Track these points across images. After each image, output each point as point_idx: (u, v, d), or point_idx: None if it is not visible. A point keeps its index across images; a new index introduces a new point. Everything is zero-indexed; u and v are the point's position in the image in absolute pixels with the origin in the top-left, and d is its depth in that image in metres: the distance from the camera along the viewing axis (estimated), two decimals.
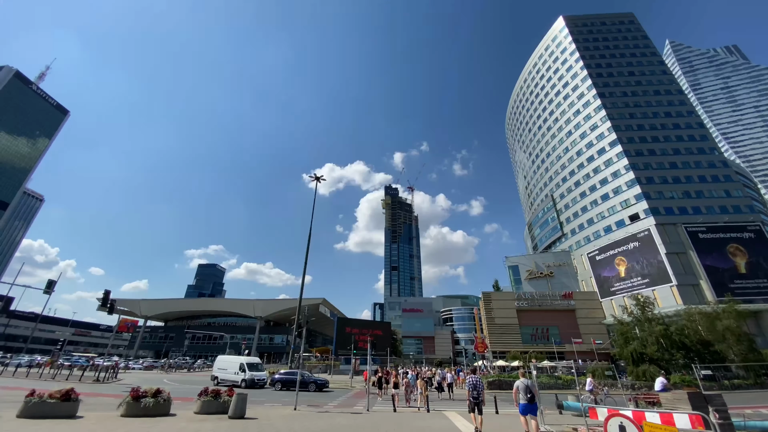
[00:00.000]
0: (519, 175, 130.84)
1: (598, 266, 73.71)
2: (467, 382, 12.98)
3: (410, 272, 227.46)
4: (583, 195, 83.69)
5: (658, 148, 74.05)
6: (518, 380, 11.63)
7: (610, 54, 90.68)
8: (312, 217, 44.26)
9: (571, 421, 15.22)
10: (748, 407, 20.53)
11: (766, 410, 19.18)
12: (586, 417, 10.62)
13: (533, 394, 11.08)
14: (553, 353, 65.08)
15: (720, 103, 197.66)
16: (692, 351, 35.29)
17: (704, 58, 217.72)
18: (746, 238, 60.18)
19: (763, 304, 53.57)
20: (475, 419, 12.09)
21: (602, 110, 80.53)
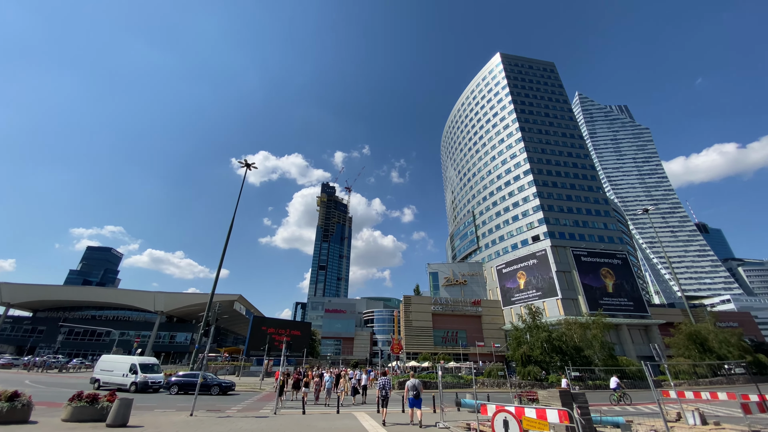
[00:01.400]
0: (448, 190, 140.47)
1: (504, 278, 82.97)
2: (378, 381, 15.62)
3: (338, 272, 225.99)
4: (498, 214, 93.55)
5: (559, 182, 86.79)
6: (409, 380, 14.49)
7: (533, 94, 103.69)
8: (237, 205, 41.11)
9: (467, 417, 16.76)
10: (605, 404, 25.20)
11: (619, 407, 23.66)
12: (478, 413, 11.84)
13: (418, 391, 14.08)
14: (459, 355, 70.99)
15: (608, 151, 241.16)
16: (567, 355, 41.90)
17: (601, 112, 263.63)
18: (615, 263, 74.14)
19: (622, 318, 66.50)
20: (383, 413, 14.88)
21: (521, 142, 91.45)
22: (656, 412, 18.57)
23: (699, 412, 14.49)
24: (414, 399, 14.15)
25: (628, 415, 17.37)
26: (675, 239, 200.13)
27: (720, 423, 14.36)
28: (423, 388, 34.39)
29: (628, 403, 24.99)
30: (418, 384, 14.41)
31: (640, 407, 22.90)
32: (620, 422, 14.51)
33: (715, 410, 20.37)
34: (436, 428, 13.76)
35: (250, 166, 40.69)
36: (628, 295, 70.71)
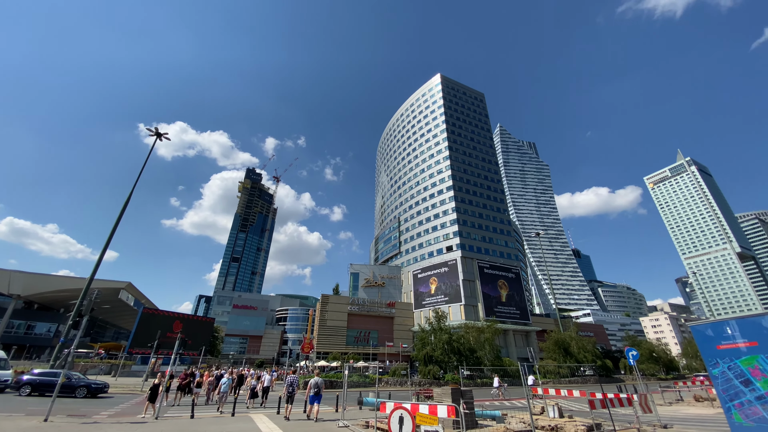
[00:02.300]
0: (379, 194, 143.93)
1: (418, 282, 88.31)
2: (285, 380, 16.32)
3: (253, 266, 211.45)
4: (420, 222, 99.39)
5: (474, 200, 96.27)
6: (312, 378, 15.81)
7: (463, 118, 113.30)
8: (138, 178, 35.52)
9: (368, 415, 17.40)
10: (488, 400, 28.62)
11: (499, 402, 27.11)
12: (377, 411, 12.45)
13: (319, 389, 15.45)
14: (369, 354, 72.87)
15: (516, 180, 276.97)
16: (463, 355, 46.62)
17: (515, 145, 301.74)
18: (510, 277, 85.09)
19: (510, 325, 76.44)
20: (287, 409, 15.71)
21: (448, 160, 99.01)
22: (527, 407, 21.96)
23: (558, 406, 17.58)
24: (314, 396, 15.30)
25: (504, 410, 20.16)
26: (556, 260, 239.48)
27: (573, 416, 17.64)
28: (329, 387, 34.45)
29: (507, 398, 28.96)
30: (321, 382, 15.61)
31: (515, 402, 26.72)
32: (497, 415, 16.78)
33: (570, 405, 24.86)
34: (336, 427, 13.99)
35: (161, 135, 35.64)
36: (517, 304, 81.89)
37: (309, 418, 15.75)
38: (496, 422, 15.75)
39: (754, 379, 5.92)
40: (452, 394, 13.79)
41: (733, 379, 6.13)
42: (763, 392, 5.81)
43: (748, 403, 5.94)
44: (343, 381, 16.52)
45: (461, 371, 33.27)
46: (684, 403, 23.27)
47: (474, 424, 13.82)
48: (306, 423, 15.00)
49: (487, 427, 13.96)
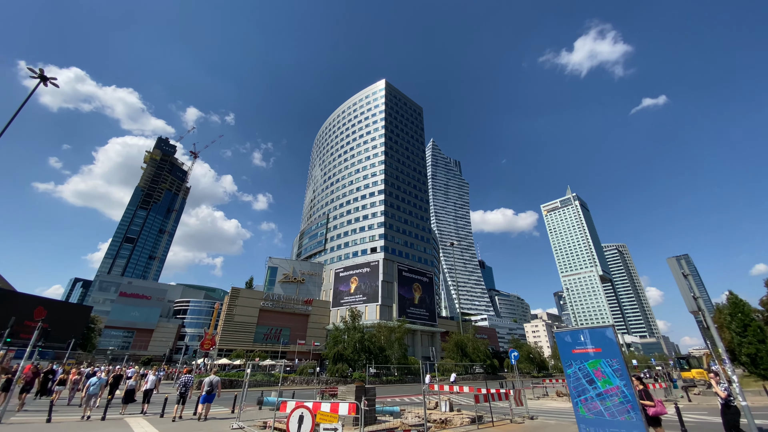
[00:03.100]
0: (310, 188, 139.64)
1: (339, 281, 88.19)
2: (179, 380, 15.78)
3: (152, 249, 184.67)
4: (349, 222, 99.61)
5: (401, 206, 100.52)
6: (207, 377, 15.41)
7: (400, 127, 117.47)
8: (7, 126, 28.01)
9: (268, 415, 16.67)
10: (390, 396, 29.94)
11: (399, 399, 28.52)
12: (276, 411, 12.05)
13: (212, 388, 14.96)
14: (277, 352, 69.85)
15: (440, 193, 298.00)
16: (373, 354, 48.05)
17: (443, 161, 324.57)
18: (424, 281, 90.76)
19: (419, 325, 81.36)
20: (177, 410, 14.99)
21: (383, 165, 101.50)
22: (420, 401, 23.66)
23: (450, 401, 19.33)
24: (206, 396, 14.91)
25: (404, 405, 21.37)
26: (464, 269, 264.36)
27: (461, 410, 19.56)
28: (228, 386, 31.95)
29: (413, 394, 30.72)
30: (216, 381, 15.19)
31: (413, 398, 28.52)
32: (395, 411, 17.72)
33: (461, 400, 27.53)
34: (229, 428, 13.08)
35: (46, 80, 28.77)
36: (427, 307, 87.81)
37: (198, 419, 14.83)
38: (393, 417, 16.60)
39: (597, 379, 7.42)
40: (356, 392, 14.11)
41: (582, 378, 7.59)
42: (602, 390, 7.32)
43: (591, 399, 7.42)
44: (244, 380, 15.55)
45: (368, 369, 34.28)
46: (549, 398, 27.84)
47: (373, 420, 14.34)
48: (194, 424, 13.71)
49: (385, 422, 14.63)
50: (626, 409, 6.80)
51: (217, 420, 15.06)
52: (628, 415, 6.73)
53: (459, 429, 14.33)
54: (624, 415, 6.77)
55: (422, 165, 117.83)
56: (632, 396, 6.78)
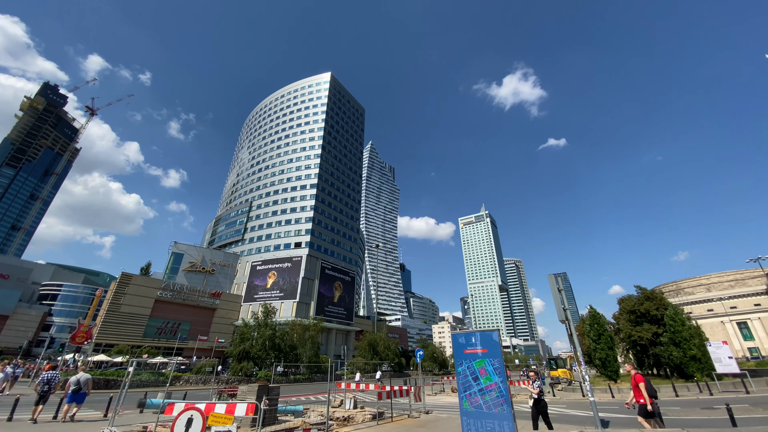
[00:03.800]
0: (233, 171, 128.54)
1: (256, 275, 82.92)
2: (41, 376, 13.49)
3: (18, 218, 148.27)
4: (275, 213, 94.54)
5: (332, 204, 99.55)
6: (74, 375, 13.79)
7: (341, 125, 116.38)
8: None
9: (151, 419, 14.82)
10: (297, 395, 29.21)
11: (305, 398, 27.97)
12: (160, 414, 10.85)
13: (80, 387, 13.50)
14: (172, 349, 62.36)
15: (372, 195, 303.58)
16: (283, 352, 46.29)
17: (379, 165, 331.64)
18: (346, 280, 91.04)
19: (336, 324, 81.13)
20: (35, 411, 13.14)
21: (319, 159, 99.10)
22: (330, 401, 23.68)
23: (354, 399, 19.74)
24: (73, 395, 13.50)
25: (309, 404, 21.10)
26: (386, 270, 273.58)
27: (364, 407, 20.12)
28: (103, 387, 27.34)
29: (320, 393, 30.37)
30: (84, 379, 13.70)
31: (320, 397, 28.35)
32: (298, 410, 17.43)
33: (366, 397, 28.29)
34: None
35: None
36: (346, 306, 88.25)
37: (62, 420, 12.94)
38: (295, 417, 16.33)
39: (481, 376, 8.46)
40: (258, 392, 13.50)
41: (468, 375, 8.58)
42: (483, 386, 8.37)
43: (474, 394, 8.42)
44: (125, 378, 13.56)
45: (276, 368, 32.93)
46: (445, 394, 30.46)
47: (274, 420, 13.90)
48: (56, 428, 11.47)
49: (286, 422, 14.30)
50: (500, 403, 7.90)
51: (84, 423, 12.85)
52: (501, 407, 7.83)
53: (360, 425, 14.78)
54: (498, 408, 7.85)
55: (358, 165, 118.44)
56: (506, 391, 7.92)
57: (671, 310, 34.01)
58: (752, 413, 14.95)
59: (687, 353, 30.84)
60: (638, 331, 37.06)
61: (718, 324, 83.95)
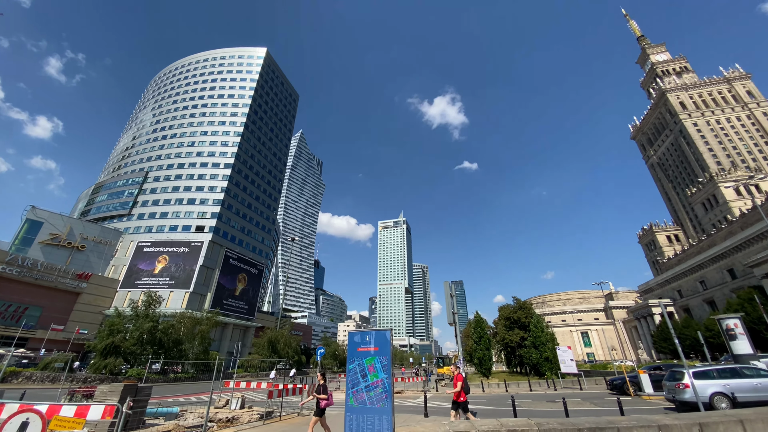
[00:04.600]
0: (129, 132, 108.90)
1: (142, 257, 71.63)
2: None
3: None
4: (176, 189, 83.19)
5: (249, 189, 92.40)
6: None
7: (270, 106, 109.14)
8: None
9: None
10: (176, 396, 26.12)
11: (185, 398, 25.18)
12: None
13: None
14: (12, 338, 49.33)
15: (295, 186, 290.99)
16: (164, 347, 40.88)
17: (307, 156, 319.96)
18: (253, 272, 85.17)
19: (234, 319, 75.08)
20: None
21: (239, 137, 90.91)
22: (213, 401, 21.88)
23: (243, 398, 18.69)
24: None
25: (190, 405, 19.19)
26: (299, 266, 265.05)
27: (252, 407, 19.19)
28: None
29: (203, 393, 27.65)
30: None
31: (203, 397, 25.97)
32: (173, 411, 15.78)
33: (256, 396, 26.97)
34: None
35: None
36: (249, 300, 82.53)
37: None
38: (166, 419, 14.76)
39: (369, 373, 8.99)
40: (123, 392, 11.81)
41: (358, 372, 9.05)
42: (370, 383, 8.89)
43: (360, 390, 8.87)
44: None
45: (151, 365, 28.90)
46: (340, 391, 30.99)
47: (140, 424, 12.35)
48: None
49: (156, 425, 12.83)
50: (383, 398, 8.55)
51: None
52: (383, 402, 8.48)
53: (244, 426, 14.14)
54: (380, 403, 8.49)
55: (284, 153, 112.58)
56: (390, 387, 8.61)
57: (535, 318, 41.07)
58: (581, 406, 19.06)
59: (543, 355, 37.60)
60: (510, 335, 43.69)
61: (568, 332, 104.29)
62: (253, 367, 51.94)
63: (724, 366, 16.04)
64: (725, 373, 15.11)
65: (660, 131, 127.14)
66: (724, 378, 14.86)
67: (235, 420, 15.17)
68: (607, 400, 20.44)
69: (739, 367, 15.79)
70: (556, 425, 7.10)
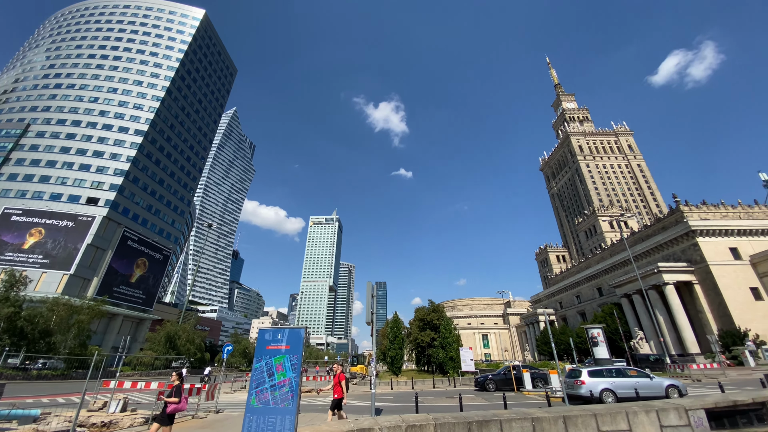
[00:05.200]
0: (11, 72, 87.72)
1: (7, 227, 58.07)
2: None
3: None
4: (66, 150, 69.44)
5: (162, 162, 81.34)
6: None
7: (201, 74, 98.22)
8: None
9: None
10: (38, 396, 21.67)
11: (49, 399, 21.06)
12: None
13: None
14: None
15: (221, 167, 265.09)
16: (28, 338, 33.62)
17: (238, 137, 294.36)
18: (157, 257, 75.08)
19: (125, 309, 65.17)
20: None
21: (158, 102, 79.71)
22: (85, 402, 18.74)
23: (125, 400, 16.44)
24: None
25: (56, 407, 16.13)
26: (215, 255, 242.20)
27: (137, 409, 16.98)
28: None
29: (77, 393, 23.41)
30: None
31: (73, 398, 22.10)
32: (32, 414, 13.23)
33: (144, 398, 23.94)
34: None
35: None
36: (148, 288, 72.52)
37: None
38: (18, 424, 12.33)
39: (276, 372, 8.76)
40: None
41: (265, 371, 8.78)
42: (276, 382, 8.65)
43: (265, 390, 8.59)
44: None
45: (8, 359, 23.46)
46: (245, 391, 29.28)
47: None
48: None
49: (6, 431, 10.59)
50: (288, 397, 8.45)
51: None
52: (287, 402, 8.37)
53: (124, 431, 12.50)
54: (284, 402, 8.37)
55: (211, 129, 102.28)
56: (297, 386, 8.55)
57: (446, 320, 44.52)
58: (475, 401, 21.21)
59: (448, 354, 40.88)
60: (422, 336, 46.53)
61: (471, 334, 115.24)
62: (143, 365, 45.82)
63: (611, 367, 19.59)
64: (612, 373, 18.47)
65: (562, 167, 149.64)
66: (611, 377, 18.12)
67: (113, 425, 13.32)
68: (495, 395, 23.21)
69: (623, 369, 19.44)
70: (450, 419, 7.86)
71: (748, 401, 8.84)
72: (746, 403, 8.80)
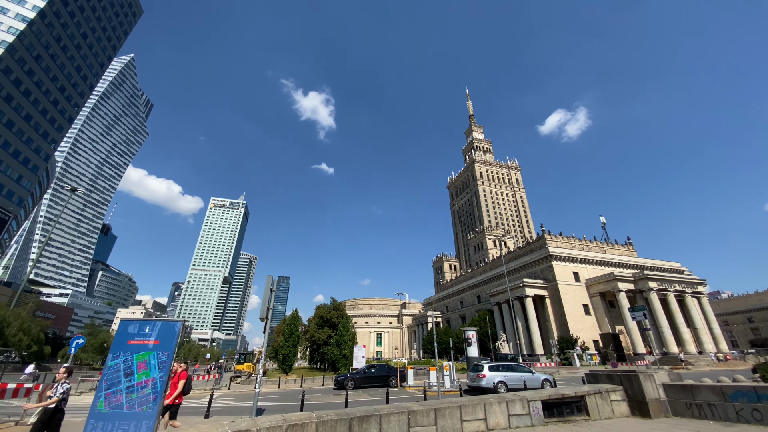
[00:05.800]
0: None
1: None
2: None
3: None
4: None
5: (14, 96, 62.60)
6: None
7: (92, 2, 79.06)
8: None
9: None
10: None
11: None
12: None
13: None
14: None
15: (100, 122, 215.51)
16: None
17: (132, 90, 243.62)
18: None
19: None
20: None
21: (25, 23, 60.91)
22: None
23: None
24: None
25: None
26: (77, 227, 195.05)
27: None
28: None
29: None
30: None
31: None
32: None
33: None
34: None
35: None
36: None
37: None
38: None
39: (137, 371, 7.51)
40: None
41: (122, 370, 7.47)
42: (135, 382, 7.40)
43: (118, 392, 7.26)
44: None
45: None
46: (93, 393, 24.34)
47: None
48: None
49: None
50: (149, 400, 7.35)
51: None
52: (147, 405, 7.27)
53: None
54: (143, 406, 7.25)
55: (94, 72, 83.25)
56: (161, 387, 7.50)
57: (345, 319, 45.17)
58: (360, 397, 21.92)
59: (342, 352, 41.45)
60: (319, 333, 46.24)
61: (368, 333, 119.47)
62: None
63: (505, 363, 23.26)
64: (505, 369, 22.09)
65: (464, 188, 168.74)
66: (505, 371, 21.72)
67: None
68: (380, 391, 24.45)
69: (514, 365, 23.15)
70: (334, 416, 7.96)
71: (572, 395, 11.36)
72: (570, 397, 11.30)
